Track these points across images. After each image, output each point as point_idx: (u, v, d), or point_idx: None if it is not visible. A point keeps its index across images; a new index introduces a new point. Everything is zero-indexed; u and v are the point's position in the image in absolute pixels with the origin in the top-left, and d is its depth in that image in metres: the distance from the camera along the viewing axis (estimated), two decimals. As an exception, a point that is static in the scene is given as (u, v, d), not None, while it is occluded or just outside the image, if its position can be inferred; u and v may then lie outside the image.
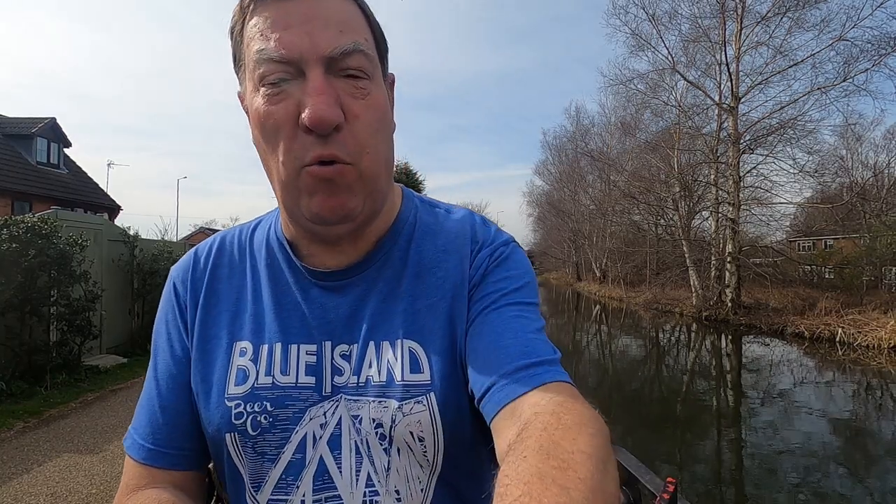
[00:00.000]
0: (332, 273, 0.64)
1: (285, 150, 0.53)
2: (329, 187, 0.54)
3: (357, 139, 0.54)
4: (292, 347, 0.62)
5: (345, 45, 0.53)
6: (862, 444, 6.84)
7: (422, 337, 0.61)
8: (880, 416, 8.09)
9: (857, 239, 23.64)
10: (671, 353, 14.38)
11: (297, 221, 0.61)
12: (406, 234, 0.67)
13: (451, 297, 0.62)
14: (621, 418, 8.38)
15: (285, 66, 0.52)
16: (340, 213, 0.56)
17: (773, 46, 16.45)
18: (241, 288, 0.67)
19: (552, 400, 0.47)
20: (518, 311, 0.59)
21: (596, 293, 32.93)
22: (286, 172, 0.54)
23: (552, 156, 45.80)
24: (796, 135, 16.72)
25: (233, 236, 0.73)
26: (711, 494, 5.37)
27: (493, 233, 0.69)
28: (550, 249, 56.10)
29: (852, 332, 13.12)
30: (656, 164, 22.13)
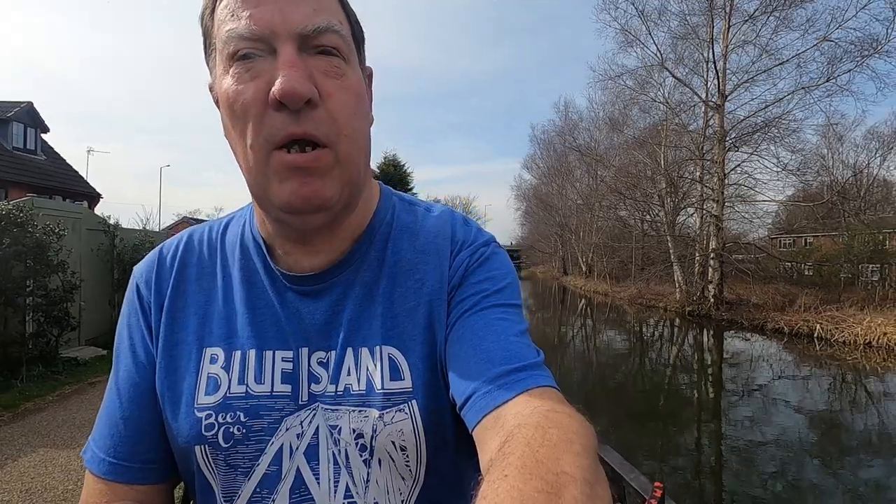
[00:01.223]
0: (308, 277, 0.60)
1: (254, 131, 0.50)
2: (303, 174, 0.50)
3: (333, 119, 0.51)
4: (267, 354, 0.59)
5: (318, 23, 0.50)
6: (836, 437, 7.03)
7: (401, 343, 0.59)
8: (854, 410, 8.31)
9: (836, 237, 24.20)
10: (654, 348, 14.58)
11: (267, 212, 0.57)
12: (383, 233, 0.64)
13: (429, 300, 0.60)
14: (605, 411, 8.50)
15: (256, 43, 0.49)
16: (315, 202, 0.52)
17: (760, 45, 16.65)
18: (212, 290, 0.63)
19: (536, 409, 0.45)
20: (501, 314, 0.57)
21: (582, 287, 33.23)
22: (255, 156, 0.51)
23: (540, 150, 45.88)
24: (780, 133, 16.99)
25: (202, 234, 0.68)
26: (691, 486, 5.49)
27: (473, 232, 0.66)
28: (537, 243, 56.35)
29: (830, 328, 13.43)
30: (643, 161, 22.31)
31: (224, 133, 0.56)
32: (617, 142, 26.68)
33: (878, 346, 12.23)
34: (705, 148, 18.75)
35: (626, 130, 24.24)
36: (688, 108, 19.43)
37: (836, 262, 21.26)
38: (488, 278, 0.61)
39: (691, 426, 7.74)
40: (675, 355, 13.41)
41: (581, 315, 23.03)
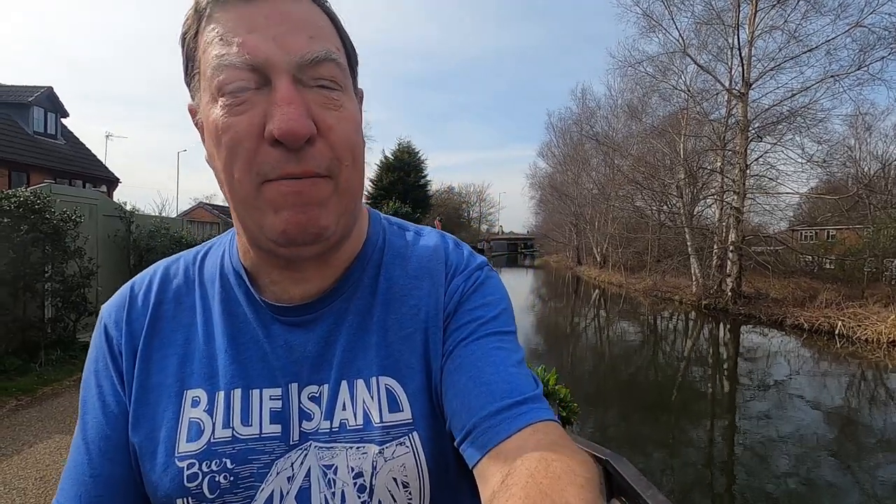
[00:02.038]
0: (297, 307, 0.57)
1: (245, 166, 0.47)
2: (299, 201, 0.48)
3: (334, 150, 0.49)
4: (254, 393, 0.55)
5: (316, 52, 0.48)
6: (854, 436, 6.91)
7: (398, 372, 0.56)
8: (874, 409, 8.17)
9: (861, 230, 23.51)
10: (669, 341, 14.43)
11: (258, 244, 0.54)
12: (375, 259, 0.62)
13: (425, 327, 0.58)
14: (617, 402, 8.56)
15: (249, 73, 0.46)
16: (312, 232, 0.49)
17: (788, 31, 16.01)
18: (191, 326, 0.59)
19: (539, 442, 0.45)
20: (498, 342, 0.56)
21: (596, 278, 32.95)
22: (244, 189, 0.48)
23: (556, 138, 45.31)
24: (806, 123, 16.42)
25: (177, 267, 0.64)
26: (703, 480, 5.47)
27: (466, 256, 0.64)
28: (552, 232, 55.90)
29: (852, 325, 13.09)
30: (662, 150, 21.83)
31: (206, 159, 0.54)
32: (635, 130, 26.14)
33: (903, 345, 11.89)
34: (727, 138, 18.25)
35: (645, 119, 23.73)
36: (710, 96, 18.87)
37: (859, 257, 20.69)
38: (484, 304, 0.59)
39: (705, 420, 7.69)
40: (689, 349, 13.27)
41: (594, 305, 22.87)
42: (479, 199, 77.27)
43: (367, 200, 37.79)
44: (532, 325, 17.17)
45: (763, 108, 17.07)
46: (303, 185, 0.47)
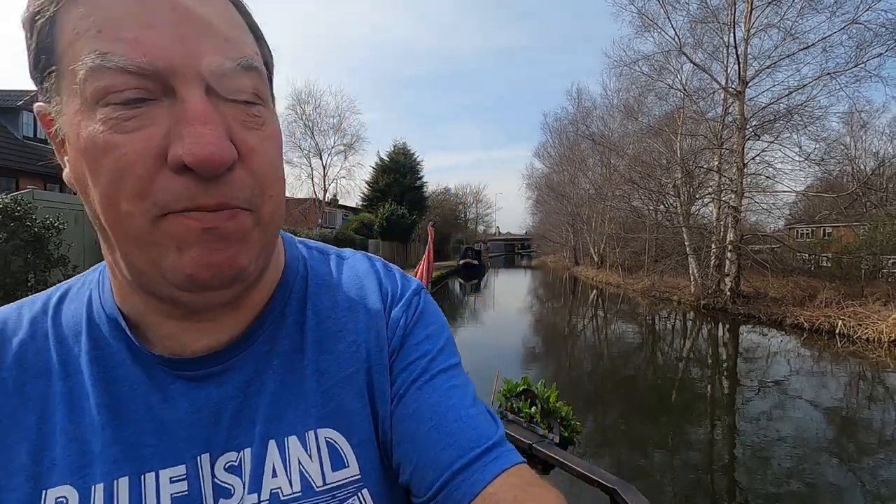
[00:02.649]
0: (202, 359, 0.46)
1: (136, 197, 0.37)
2: (213, 238, 0.38)
3: (257, 179, 0.40)
4: (147, 478, 0.43)
5: (237, 59, 0.39)
6: (856, 436, 6.88)
7: (340, 421, 0.49)
8: (876, 409, 8.13)
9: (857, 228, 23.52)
10: (668, 341, 14.34)
11: (151, 289, 0.42)
12: (298, 290, 0.53)
13: (367, 367, 0.51)
14: (616, 403, 8.49)
15: (144, 81, 0.36)
16: (228, 274, 0.40)
17: (784, 28, 15.94)
18: (46, 400, 0.45)
19: (514, 486, 0.44)
20: (450, 380, 0.51)
21: (593, 278, 32.88)
22: (135, 224, 0.37)
23: (552, 138, 45.28)
24: (803, 121, 16.35)
25: (19, 316, 0.48)
26: (703, 482, 5.40)
27: (400, 281, 0.58)
28: (548, 233, 55.88)
29: (853, 324, 13.01)
30: (658, 149, 21.75)
31: (67, 179, 0.42)
32: (631, 130, 26.08)
33: (903, 344, 11.80)
34: (724, 136, 18.17)
35: (641, 118, 23.65)
36: (706, 94, 18.81)
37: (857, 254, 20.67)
38: (428, 336, 0.54)
39: (704, 420, 7.64)
40: (688, 349, 13.18)
41: (592, 306, 22.77)
42: (476, 199, 77.27)
43: (364, 203, 37.80)
44: (530, 326, 17.11)
45: (760, 107, 17.01)
46: (218, 219, 0.38)
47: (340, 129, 27.56)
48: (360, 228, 30.19)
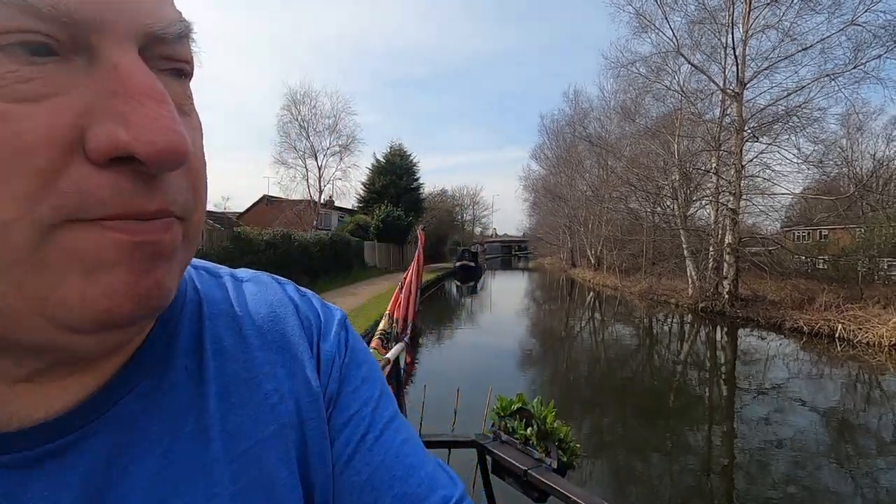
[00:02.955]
0: (30, 432, 0.30)
1: (27, 196, 0.24)
2: (143, 256, 0.28)
3: (192, 180, 0.31)
4: None
5: (179, 19, 0.30)
6: (855, 441, 6.83)
7: (259, 500, 0.35)
8: (875, 414, 8.06)
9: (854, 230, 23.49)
10: (666, 344, 14.19)
11: (22, 328, 0.27)
12: (189, 323, 0.38)
13: (298, 423, 0.39)
14: (613, 407, 8.41)
15: (53, 27, 0.24)
16: (155, 305, 0.29)
17: (782, 29, 15.84)
18: None
19: None
20: (399, 433, 0.43)
21: (590, 280, 32.74)
22: (16, 238, 0.24)
23: (549, 140, 45.19)
24: (801, 123, 16.24)
25: None
26: (702, 486, 5.35)
27: (321, 310, 0.46)
28: (546, 235, 55.81)
29: (853, 328, 12.87)
30: (655, 151, 21.62)
31: None
32: (628, 131, 25.98)
33: (904, 349, 11.66)
34: (722, 138, 18.05)
35: (639, 120, 23.53)
36: (704, 96, 18.69)
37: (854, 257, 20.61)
38: (364, 380, 0.44)
39: (703, 425, 7.57)
40: (687, 353, 13.04)
41: (589, 308, 22.61)
42: (473, 201, 77.12)
43: (360, 204, 37.58)
44: (527, 329, 16.95)
45: (758, 108, 16.89)
46: (155, 230, 0.28)
47: (336, 130, 27.37)
48: (356, 230, 29.96)
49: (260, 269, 0.48)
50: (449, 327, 16.17)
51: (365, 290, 17.76)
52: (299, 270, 17.48)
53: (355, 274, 23.93)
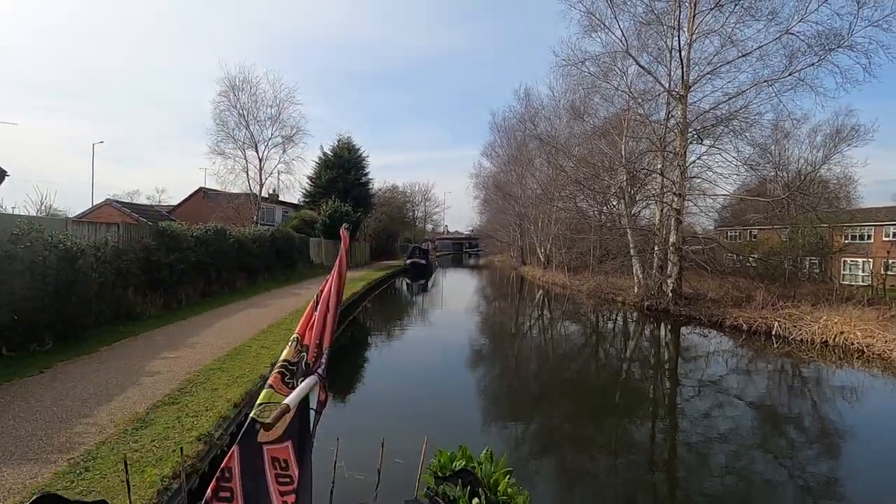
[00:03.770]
0: None
1: None
2: None
3: None
4: None
5: None
6: (786, 433, 7.14)
7: None
8: (807, 408, 8.41)
9: (781, 230, 24.90)
10: (612, 342, 14.24)
11: None
12: None
13: None
14: (561, 405, 8.32)
15: None
16: None
17: (725, 35, 16.28)
18: None
19: None
20: None
21: (540, 278, 32.99)
22: None
23: (500, 137, 45.18)
24: (741, 126, 16.78)
25: None
26: (645, 480, 5.44)
27: None
28: (496, 232, 56.00)
29: (788, 326, 13.36)
30: (603, 151, 21.86)
31: None
32: (577, 131, 26.21)
33: (834, 346, 12.19)
34: (667, 139, 18.41)
35: (588, 119, 23.74)
36: (651, 97, 19.01)
37: (781, 255, 21.82)
38: None
39: (647, 420, 7.67)
40: (632, 350, 13.10)
41: (538, 306, 22.61)
42: (424, 198, 76.35)
43: (306, 199, 36.02)
44: (477, 326, 16.63)
45: (702, 111, 17.31)
46: None
47: (279, 120, 25.75)
48: (302, 226, 28.55)
49: (188, 267, 0.33)
50: (399, 326, 15.55)
51: (309, 289, 16.77)
52: (235, 268, 16.21)
53: (300, 272, 22.71)
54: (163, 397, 5.32)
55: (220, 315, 11.34)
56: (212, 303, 12.78)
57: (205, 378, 6.15)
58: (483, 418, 7.19)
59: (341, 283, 2.46)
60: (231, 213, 24.32)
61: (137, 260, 10.67)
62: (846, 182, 33.73)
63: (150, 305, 10.86)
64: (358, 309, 17.75)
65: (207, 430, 4.43)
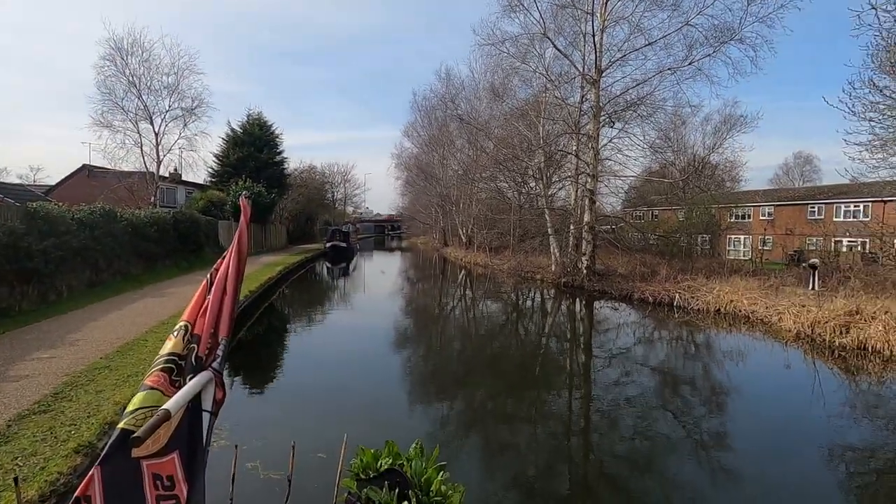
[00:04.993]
0: None
1: None
2: None
3: None
4: None
5: None
6: (684, 394, 7.82)
7: None
8: (700, 369, 9.31)
9: (679, 210, 27.26)
10: (531, 319, 14.70)
11: None
12: None
13: None
14: (484, 382, 8.39)
15: None
16: None
17: (633, 23, 17.06)
18: None
19: None
20: None
21: (462, 258, 33.38)
22: None
23: (422, 118, 44.61)
24: (648, 111, 17.83)
25: None
26: (563, 447, 5.71)
27: None
28: (418, 214, 55.74)
29: (687, 297, 14.58)
30: (522, 132, 22.30)
31: None
32: (498, 112, 26.49)
33: (725, 313, 13.50)
34: (581, 122, 19.12)
35: (507, 100, 24.04)
36: (566, 80, 19.57)
37: (679, 234, 23.88)
38: None
39: (564, 391, 7.99)
40: (550, 325, 13.62)
41: (461, 286, 22.84)
42: (344, 179, 73.74)
43: (213, 179, 33.23)
44: (401, 309, 16.41)
45: (613, 96, 18.13)
46: None
47: (178, 91, 23.16)
48: (209, 208, 26.26)
49: (70, 254, 0.30)
50: (320, 312, 14.88)
51: (217, 275, 15.47)
52: (130, 254, 14.51)
53: (207, 258, 20.95)
54: (31, 405, 4.51)
55: (111, 307, 10.07)
56: (101, 293, 11.32)
57: (88, 379, 5.34)
58: (411, 405, 7.01)
59: (241, 261, 2.06)
60: (123, 194, 21.74)
61: (3, 248, 9.10)
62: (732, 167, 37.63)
63: (22, 299, 9.37)
64: (274, 295, 16.76)
65: (88, 440, 3.79)
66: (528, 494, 4.50)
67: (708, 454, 5.51)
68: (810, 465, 5.28)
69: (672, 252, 21.74)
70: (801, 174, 58.09)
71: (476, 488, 4.28)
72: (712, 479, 4.93)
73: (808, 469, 5.18)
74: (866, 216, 26.08)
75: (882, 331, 9.67)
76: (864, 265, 16.79)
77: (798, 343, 10.62)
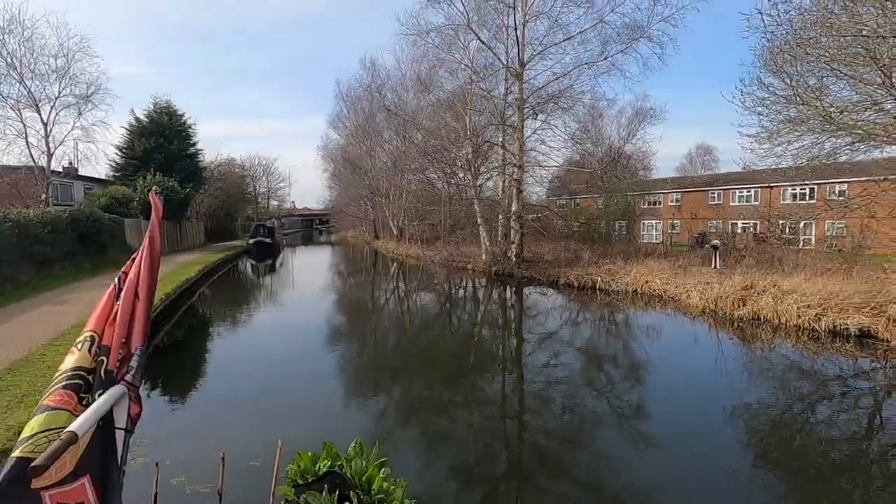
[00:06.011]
0: None
1: None
2: None
3: None
4: None
5: None
6: (607, 371, 8.39)
7: None
8: (620, 347, 10.01)
9: (598, 198, 28.92)
10: (464, 308, 14.97)
11: None
12: None
13: None
14: (420, 373, 8.44)
15: None
16: None
17: (552, 18, 17.69)
18: None
19: None
20: None
21: (394, 251, 33.17)
22: None
23: (347, 108, 43.42)
24: (567, 104, 18.63)
25: None
26: (498, 430, 5.94)
27: None
28: (347, 207, 54.38)
29: (608, 280, 15.52)
30: (450, 124, 22.47)
31: None
32: (425, 103, 26.45)
33: (642, 293, 14.55)
34: (506, 114, 19.59)
35: (434, 92, 24.06)
36: (491, 73, 19.93)
37: (598, 220, 25.35)
38: None
39: (497, 377, 8.22)
40: (483, 313, 13.95)
41: (394, 279, 22.73)
42: (266, 172, 70.30)
43: (117, 173, 30.31)
44: (332, 305, 16.02)
45: (535, 88, 18.74)
46: None
47: (69, 75, 20.73)
48: (113, 205, 23.89)
49: None
50: (245, 312, 14.13)
51: (126, 279, 14.16)
52: (17, 259, 12.92)
53: (114, 259, 19.13)
54: None
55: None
56: (-17, 305, 9.98)
57: (-29, 403, 4.69)
58: (347, 404, 6.87)
59: (155, 263, 1.90)
60: (6, 192, 19.24)
61: None
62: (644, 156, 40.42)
63: None
64: (194, 297, 15.69)
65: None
66: (467, 478, 4.61)
67: (629, 423, 6.01)
68: (715, 423, 5.95)
69: (593, 238, 23.05)
70: (703, 163, 63.75)
71: (418, 480, 4.30)
72: (635, 445, 5.37)
73: (714, 427, 5.82)
74: (757, 200, 29.18)
75: (771, 302, 10.89)
76: (756, 244, 18.78)
77: (704, 317, 11.71)
